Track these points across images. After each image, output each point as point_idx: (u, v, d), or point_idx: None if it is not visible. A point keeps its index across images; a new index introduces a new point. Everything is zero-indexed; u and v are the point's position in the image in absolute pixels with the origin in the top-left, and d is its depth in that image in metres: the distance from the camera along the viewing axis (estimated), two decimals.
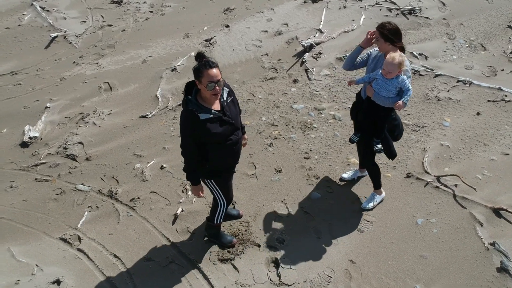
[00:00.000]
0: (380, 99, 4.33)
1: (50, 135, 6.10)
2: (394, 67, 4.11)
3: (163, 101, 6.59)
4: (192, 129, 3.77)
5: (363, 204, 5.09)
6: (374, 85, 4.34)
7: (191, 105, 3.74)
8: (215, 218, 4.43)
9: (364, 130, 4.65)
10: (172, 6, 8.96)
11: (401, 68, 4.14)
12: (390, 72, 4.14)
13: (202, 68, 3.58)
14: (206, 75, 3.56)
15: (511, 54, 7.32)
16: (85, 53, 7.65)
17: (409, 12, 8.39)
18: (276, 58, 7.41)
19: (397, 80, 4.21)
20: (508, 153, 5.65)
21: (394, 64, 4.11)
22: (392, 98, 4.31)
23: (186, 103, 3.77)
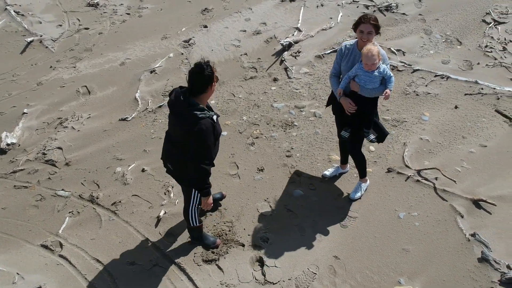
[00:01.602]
0: (367, 91, 4.41)
1: (28, 141, 6.00)
2: (375, 58, 4.23)
3: (143, 104, 6.54)
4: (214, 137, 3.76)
5: (351, 195, 5.15)
6: (357, 80, 4.38)
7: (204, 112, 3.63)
8: (190, 220, 4.38)
9: (351, 123, 4.66)
10: (150, 7, 8.90)
11: (379, 56, 4.28)
12: (374, 63, 4.24)
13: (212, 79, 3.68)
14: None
15: (486, 48, 7.42)
16: (62, 57, 7.55)
17: (386, 8, 8.46)
18: (256, 57, 7.41)
19: (378, 71, 4.30)
20: (486, 145, 5.74)
21: (374, 56, 4.21)
22: (377, 88, 4.41)
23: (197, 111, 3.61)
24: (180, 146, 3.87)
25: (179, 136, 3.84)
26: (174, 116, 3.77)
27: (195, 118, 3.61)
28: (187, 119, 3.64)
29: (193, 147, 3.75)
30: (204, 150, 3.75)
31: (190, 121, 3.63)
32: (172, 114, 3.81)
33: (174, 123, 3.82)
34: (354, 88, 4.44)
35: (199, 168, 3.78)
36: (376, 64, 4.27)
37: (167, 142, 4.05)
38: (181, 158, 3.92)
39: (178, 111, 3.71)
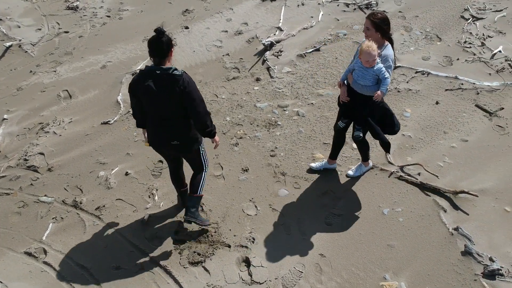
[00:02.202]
0: (358, 86, 4.49)
1: (9, 147, 5.93)
2: (373, 55, 4.26)
3: (125, 106, 6.50)
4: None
5: (349, 172, 5.30)
6: (353, 74, 4.48)
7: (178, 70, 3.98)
8: (200, 187, 4.56)
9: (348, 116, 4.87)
10: (130, 9, 8.84)
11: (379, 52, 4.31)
12: (373, 59, 4.28)
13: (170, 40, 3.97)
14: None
15: (465, 43, 7.52)
16: (42, 62, 7.46)
17: (366, 6, 8.52)
18: (238, 57, 7.41)
19: (373, 69, 4.33)
20: (467, 140, 5.82)
21: (373, 53, 4.24)
22: (370, 87, 4.45)
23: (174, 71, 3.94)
24: (175, 117, 4.12)
25: (171, 106, 4.05)
26: (159, 91, 3.95)
27: (177, 76, 3.92)
28: (172, 82, 3.92)
29: (188, 102, 4.00)
30: (198, 97, 4.05)
31: (175, 82, 3.91)
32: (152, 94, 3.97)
33: (161, 98, 3.99)
34: (349, 80, 4.53)
35: (201, 115, 4.11)
36: (373, 62, 4.30)
37: (160, 125, 4.20)
38: (182, 124, 4.20)
39: (162, 84, 3.94)
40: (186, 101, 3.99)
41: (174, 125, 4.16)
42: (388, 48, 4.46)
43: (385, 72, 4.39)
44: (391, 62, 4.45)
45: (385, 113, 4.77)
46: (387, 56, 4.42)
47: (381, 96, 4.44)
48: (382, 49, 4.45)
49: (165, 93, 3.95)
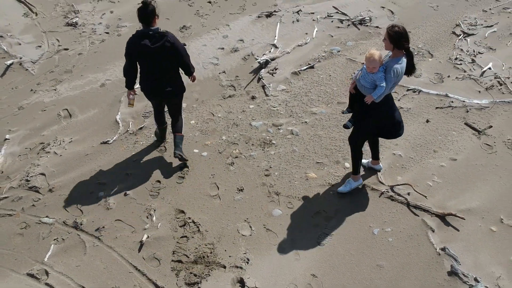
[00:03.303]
0: (359, 84, 4.86)
1: (11, 168, 6.10)
2: (374, 62, 4.65)
3: (124, 126, 6.68)
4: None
5: (339, 188, 5.54)
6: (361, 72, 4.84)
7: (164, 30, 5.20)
8: (182, 127, 5.97)
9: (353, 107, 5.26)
10: (128, 26, 9.01)
11: (381, 61, 4.70)
12: (373, 67, 4.67)
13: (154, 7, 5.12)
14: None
15: (456, 60, 7.69)
16: (43, 80, 7.63)
17: (359, 22, 8.68)
18: (234, 75, 7.58)
19: (373, 75, 4.69)
20: (456, 159, 5.99)
21: (375, 60, 4.64)
22: (368, 89, 4.81)
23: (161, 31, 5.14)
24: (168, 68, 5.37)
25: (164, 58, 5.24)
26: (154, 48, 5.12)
27: (166, 34, 5.18)
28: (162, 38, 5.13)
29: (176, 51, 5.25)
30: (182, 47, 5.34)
31: (165, 39, 5.13)
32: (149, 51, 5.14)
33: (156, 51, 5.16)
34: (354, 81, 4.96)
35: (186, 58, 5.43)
36: (375, 69, 4.68)
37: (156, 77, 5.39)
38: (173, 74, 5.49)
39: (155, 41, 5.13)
40: (175, 51, 5.22)
41: (167, 75, 5.40)
42: (398, 61, 4.70)
43: (382, 81, 4.71)
44: (392, 75, 4.68)
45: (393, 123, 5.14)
46: (391, 68, 4.67)
47: (370, 100, 4.77)
48: (390, 60, 4.75)
49: (158, 47, 5.13)
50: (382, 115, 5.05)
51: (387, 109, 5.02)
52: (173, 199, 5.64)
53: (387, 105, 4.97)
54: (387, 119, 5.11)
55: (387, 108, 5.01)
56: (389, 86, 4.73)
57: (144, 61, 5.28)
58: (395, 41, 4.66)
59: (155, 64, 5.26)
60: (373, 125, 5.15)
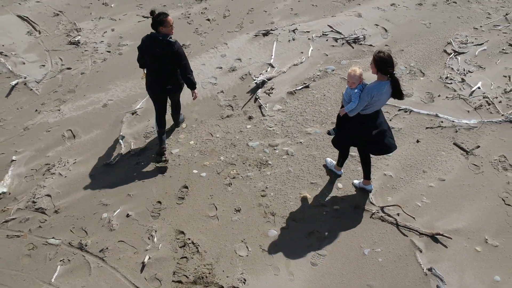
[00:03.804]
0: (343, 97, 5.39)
1: (18, 189, 6.36)
2: (354, 78, 5.16)
3: (125, 146, 6.93)
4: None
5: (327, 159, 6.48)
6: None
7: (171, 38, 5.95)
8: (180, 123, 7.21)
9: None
10: (129, 44, 9.27)
11: (361, 79, 5.19)
12: (352, 82, 5.18)
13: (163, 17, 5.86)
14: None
15: (446, 79, 7.96)
16: (47, 100, 7.90)
17: (353, 41, 8.95)
18: (231, 95, 7.85)
19: (351, 90, 5.21)
20: (444, 179, 6.26)
21: (355, 76, 5.15)
22: (345, 101, 5.30)
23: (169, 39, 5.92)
24: (170, 69, 6.16)
25: (168, 62, 6.05)
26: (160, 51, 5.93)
27: (172, 43, 5.92)
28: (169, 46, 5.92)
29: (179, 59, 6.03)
30: (185, 56, 6.11)
31: (171, 46, 5.92)
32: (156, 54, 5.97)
33: (162, 56, 5.97)
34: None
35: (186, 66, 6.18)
36: (354, 84, 5.17)
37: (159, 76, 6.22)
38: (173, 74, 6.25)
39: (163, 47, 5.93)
40: (178, 59, 5.99)
41: (168, 75, 6.20)
42: (378, 85, 5.08)
43: (356, 98, 5.16)
44: (366, 95, 5.10)
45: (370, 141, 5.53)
46: (367, 89, 5.12)
47: (342, 113, 5.35)
48: (373, 82, 5.17)
49: (165, 53, 5.93)
50: (354, 130, 5.49)
51: (358, 125, 5.41)
52: (173, 220, 5.91)
53: (360, 122, 5.36)
54: (361, 135, 5.50)
55: (358, 125, 5.40)
56: (361, 104, 5.13)
57: (151, 61, 6.13)
58: (379, 66, 5.04)
59: (160, 65, 6.10)
60: (348, 137, 5.65)
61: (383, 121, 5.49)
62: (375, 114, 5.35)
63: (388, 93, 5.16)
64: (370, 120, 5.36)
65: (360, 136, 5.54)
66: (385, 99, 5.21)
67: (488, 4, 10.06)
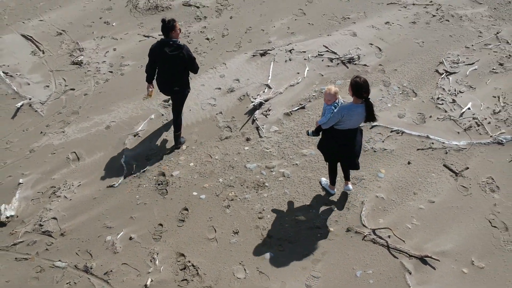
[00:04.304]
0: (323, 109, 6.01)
1: (25, 212, 6.64)
2: (328, 96, 5.82)
3: (128, 169, 7.21)
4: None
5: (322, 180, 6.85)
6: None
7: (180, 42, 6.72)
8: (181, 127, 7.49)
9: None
10: (131, 64, 9.55)
11: (336, 96, 5.83)
12: (327, 99, 5.85)
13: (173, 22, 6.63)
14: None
15: (437, 100, 8.24)
16: (51, 121, 8.17)
17: (348, 61, 9.23)
18: (230, 116, 8.12)
19: (326, 105, 5.86)
20: (434, 201, 6.54)
21: (329, 94, 5.80)
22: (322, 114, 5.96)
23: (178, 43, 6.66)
24: (178, 72, 6.86)
25: (177, 64, 6.76)
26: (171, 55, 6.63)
27: (181, 45, 6.69)
28: (178, 49, 6.66)
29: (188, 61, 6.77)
30: (193, 58, 6.85)
31: (180, 49, 6.65)
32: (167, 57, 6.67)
33: (172, 58, 6.67)
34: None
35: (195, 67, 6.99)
36: (330, 101, 5.81)
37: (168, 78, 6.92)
38: (181, 77, 6.95)
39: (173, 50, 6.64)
40: (187, 61, 6.75)
41: (176, 77, 6.89)
42: (351, 106, 5.65)
43: (328, 113, 5.80)
44: (336, 113, 5.68)
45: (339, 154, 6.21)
46: (339, 108, 5.73)
47: (316, 124, 6.04)
48: (347, 103, 5.82)
49: (175, 55, 6.63)
50: (325, 141, 6.16)
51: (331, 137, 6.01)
52: (174, 243, 6.19)
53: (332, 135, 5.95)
54: (332, 148, 6.13)
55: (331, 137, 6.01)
56: (332, 119, 5.74)
57: (161, 63, 6.79)
58: (354, 90, 5.59)
59: (169, 67, 6.78)
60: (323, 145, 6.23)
61: (356, 141, 6.01)
62: (349, 132, 5.87)
63: (361, 115, 5.69)
64: (341, 135, 5.89)
65: (331, 146, 6.11)
66: (357, 120, 5.72)
67: (480, 22, 10.32)
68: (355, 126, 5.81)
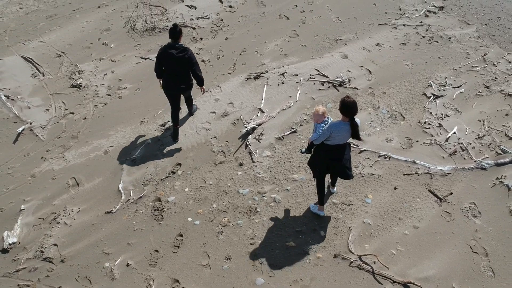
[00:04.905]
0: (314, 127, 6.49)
1: (27, 239, 6.93)
2: (317, 116, 6.31)
3: (125, 194, 7.51)
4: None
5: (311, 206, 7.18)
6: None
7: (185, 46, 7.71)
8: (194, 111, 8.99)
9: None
10: (128, 87, 9.85)
11: (325, 115, 6.32)
12: (317, 119, 6.33)
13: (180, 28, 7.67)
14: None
15: (424, 124, 8.53)
16: (51, 146, 8.47)
17: (339, 84, 9.53)
18: (224, 140, 8.42)
19: (316, 124, 6.35)
20: (418, 227, 6.83)
21: (317, 114, 6.30)
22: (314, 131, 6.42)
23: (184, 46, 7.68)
24: (183, 71, 7.82)
25: (182, 65, 7.71)
26: (177, 56, 7.58)
27: (186, 49, 7.66)
28: (183, 51, 7.63)
29: (191, 62, 7.70)
30: (195, 61, 7.77)
31: (185, 51, 7.62)
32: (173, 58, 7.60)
33: (178, 59, 7.62)
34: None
35: (197, 70, 7.87)
36: (319, 121, 6.29)
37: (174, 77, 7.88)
38: (186, 76, 7.91)
39: (178, 52, 7.60)
40: (190, 63, 7.68)
41: (182, 76, 7.86)
42: (339, 123, 6.06)
43: (317, 130, 6.29)
44: (326, 130, 6.10)
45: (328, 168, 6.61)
46: (328, 125, 6.14)
47: (308, 141, 6.47)
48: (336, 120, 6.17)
49: (180, 56, 7.58)
50: (317, 156, 6.55)
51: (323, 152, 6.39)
52: (169, 269, 6.48)
53: (324, 150, 6.35)
54: (323, 163, 6.49)
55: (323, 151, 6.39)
56: (322, 135, 6.16)
57: (168, 64, 7.71)
58: (342, 110, 6.05)
59: (175, 67, 7.70)
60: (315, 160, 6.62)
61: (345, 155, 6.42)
62: (339, 147, 6.30)
63: (348, 132, 6.12)
64: (332, 149, 6.31)
65: (323, 161, 6.50)
66: (345, 136, 6.15)
67: (468, 43, 10.62)
68: (343, 141, 6.24)
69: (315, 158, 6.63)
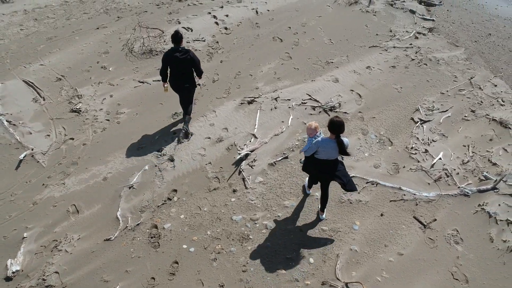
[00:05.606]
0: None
1: (30, 266, 7.26)
2: (309, 130, 6.73)
3: (123, 221, 7.84)
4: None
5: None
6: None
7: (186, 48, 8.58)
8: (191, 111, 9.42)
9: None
10: (126, 112, 10.19)
11: (317, 130, 6.71)
12: (309, 133, 6.73)
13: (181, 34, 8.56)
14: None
15: (411, 150, 8.87)
16: (52, 173, 8.80)
17: (330, 109, 9.87)
18: (218, 166, 8.76)
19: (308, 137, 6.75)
20: (403, 253, 7.16)
21: (310, 129, 6.72)
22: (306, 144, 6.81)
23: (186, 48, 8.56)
24: (187, 72, 8.78)
25: (186, 66, 8.67)
26: (181, 58, 8.52)
27: (188, 50, 8.53)
28: (186, 53, 8.52)
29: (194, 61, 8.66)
30: (198, 61, 8.73)
31: (187, 53, 8.51)
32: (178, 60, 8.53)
33: (182, 61, 8.57)
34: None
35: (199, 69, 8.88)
36: (312, 134, 6.70)
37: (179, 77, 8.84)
38: (190, 76, 8.87)
39: (182, 55, 8.51)
40: (193, 63, 8.64)
41: (186, 76, 8.79)
42: (326, 140, 6.63)
43: (309, 144, 6.72)
44: (314, 144, 6.65)
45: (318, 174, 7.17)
46: (317, 140, 6.64)
47: (301, 152, 6.94)
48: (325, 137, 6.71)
49: (183, 58, 8.51)
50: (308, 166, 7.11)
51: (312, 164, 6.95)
52: None
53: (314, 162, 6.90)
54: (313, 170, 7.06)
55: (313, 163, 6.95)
56: (311, 149, 6.69)
57: (173, 66, 8.63)
58: (330, 128, 6.58)
59: (180, 68, 8.63)
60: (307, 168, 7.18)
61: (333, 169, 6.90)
62: (328, 162, 6.82)
63: (335, 149, 6.63)
64: (321, 163, 6.85)
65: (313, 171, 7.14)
66: (332, 152, 6.68)
67: (456, 65, 10.96)
68: (332, 157, 6.75)
69: (307, 167, 7.18)
